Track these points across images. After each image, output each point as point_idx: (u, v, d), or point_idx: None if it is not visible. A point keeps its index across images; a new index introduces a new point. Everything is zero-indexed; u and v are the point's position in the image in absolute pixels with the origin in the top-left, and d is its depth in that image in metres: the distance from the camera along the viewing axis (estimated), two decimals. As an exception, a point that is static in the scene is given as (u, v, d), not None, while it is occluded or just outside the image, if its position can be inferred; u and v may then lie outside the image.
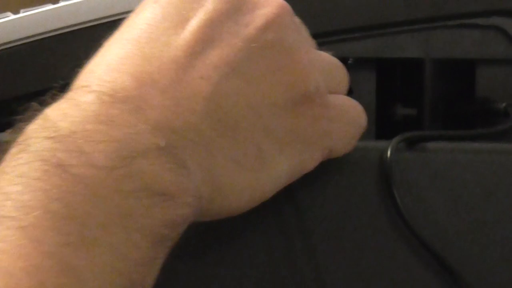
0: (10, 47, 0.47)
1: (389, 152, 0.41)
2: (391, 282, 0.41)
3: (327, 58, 0.41)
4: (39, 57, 0.47)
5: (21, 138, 0.33)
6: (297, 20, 0.40)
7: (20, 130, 0.34)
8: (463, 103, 0.47)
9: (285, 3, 0.38)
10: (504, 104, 0.48)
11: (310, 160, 0.39)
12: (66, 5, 0.47)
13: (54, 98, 0.35)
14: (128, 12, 0.46)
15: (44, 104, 0.35)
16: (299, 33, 0.39)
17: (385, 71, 0.44)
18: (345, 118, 0.40)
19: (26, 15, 0.47)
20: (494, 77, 0.49)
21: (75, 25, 0.47)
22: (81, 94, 0.34)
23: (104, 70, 0.35)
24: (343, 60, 0.43)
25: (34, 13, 0.47)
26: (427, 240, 0.41)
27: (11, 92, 0.47)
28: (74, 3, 0.47)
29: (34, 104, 0.35)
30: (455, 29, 0.48)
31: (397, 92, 0.47)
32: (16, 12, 0.48)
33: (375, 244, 0.42)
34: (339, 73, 0.41)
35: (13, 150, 0.33)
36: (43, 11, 0.47)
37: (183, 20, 0.36)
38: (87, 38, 0.47)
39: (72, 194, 0.31)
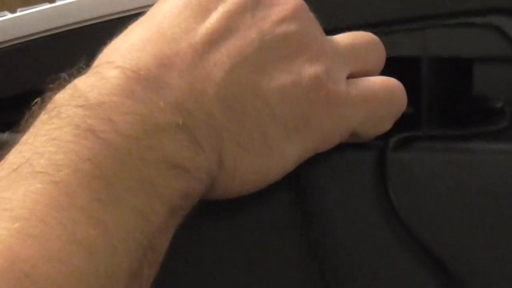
0: (7, 46, 0.47)
1: (386, 151, 0.41)
2: (385, 280, 0.41)
3: (347, 42, 0.42)
4: (36, 56, 0.47)
5: (51, 106, 0.36)
6: (311, 16, 0.41)
7: (48, 99, 0.37)
8: (460, 101, 0.47)
9: (301, 1, 0.41)
10: (501, 103, 0.48)
11: (325, 144, 0.41)
12: (63, 4, 0.47)
13: (80, 71, 0.38)
14: (125, 11, 0.47)
15: (71, 76, 0.37)
16: (313, 26, 0.41)
17: (381, 69, 0.44)
18: (371, 101, 0.41)
19: (23, 14, 0.47)
20: (491, 76, 0.49)
21: (72, 24, 0.47)
22: (106, 69, 0.36)
23: (128, 49, 0.37)
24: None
25: (31, 12, 0.47)
26: (422, 239, 0.41)
27: (8, 90, 0.47)
28: (71, 2, 0.47)
29: (62, 75, 0.38)
30: (452, 27, 0.48)
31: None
32: (13, 11, 0.48)
33: (370, 242, 0.42)
34: (367, 53, 0.43)
35: (44, 117, 0.35)
36: (40, 10, 0.47)
37: (203, 11, 0.39)
38: (84, 37, 0.47)
39: (101, 156, 0.33)
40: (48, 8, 0.47)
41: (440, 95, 0.49)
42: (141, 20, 0.39)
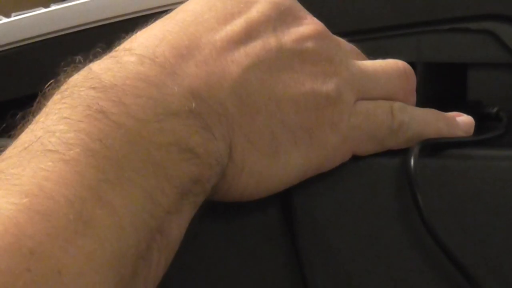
0: (1, 51, 0.47)
1: (412, 159, 0.41)
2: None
3: (371, 69, 0.43)
4: (31, 60, 0.47)
5: (64, 87, 0.36)
6: (332, 38, 0.42)
7: (62, 81, 0.37)
8: (454, 107, 0.47)
9: (324, 27, 0.42)
10: (496, 109, 0.48)
11: (328, 163, 0.41)
12: (58, 9, 0.47)
13: (96, 56, 0.38)
14: (119, 16, 0.47)
15: (87, 60, 0.38)
16: (330, 47, 0.41)
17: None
18: (369, 124, 0.42)
19: (17, 19, 0.47)
20: (485, 81, 0.49)
21: (66, 28, 0.47)
22: (123, 55, 0.37)
23: (147, 38, 0.38)
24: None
25: (26, 17, 0.47)
26: (449, 247, 0.41)
27: (2, 95, 0.47)
28: (66, 7, 0.47)
29: (78, 58, 0.38)
30: (447, 33, 0.48)
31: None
32: (7, 15, 0.48)
33: (398, 252, 0.42)
34: (389, 83, 0.43)
35: (57, 97, 0.36)
36: (34, 15, 0.47)
37: (227, 15, 0.39)
38: (79, 41, 0.47)
39: (111, 137, 0.34)
40: (43, 12, 0.47)
41: (435, 101, 0.49)
42: (165, 17, 0.40)
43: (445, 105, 0.47)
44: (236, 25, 0.39)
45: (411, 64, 0.49)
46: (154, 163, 0.35)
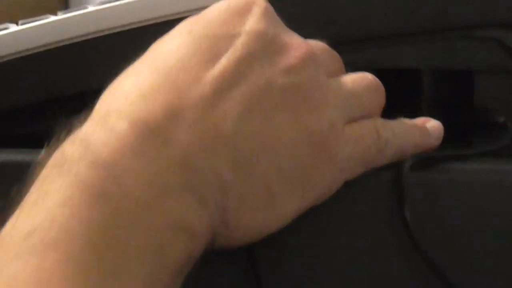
0: (9, 59, 0.47)
1: (403, 172, 0.41)
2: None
3: (350, 87, 0.42)
4: (38, 69, 0.47)
5: (61, 160, 0.35)
6: (318, 59, 0.41)
7: (55, 148, 0.36)
8: (461, 114, 0.47)
9: (310, 48, 0.40)
10: (503, 118, 0.48)
11: (323, 197, 0.40)
12: (66, 17, 0.47)
13: (87, 116, 0.37)
14: (128, 25, 0.47)
15: (79, 121, 0.37)
16: (318, 72, 0.40)
17: (383, 82, 0.44)
18: (359, 150, 0.41)
19: (25, 28, 0.47)
20: (492, 89, 0.49)
21: (74, 37, 0.47)
22: (117, 120, 0.36)
23: (137, 97, 0.37)
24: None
25: (33, 26, 0.47)
26: (436, 261, 0.40)
27: (10, 104, 0.48)
28: (73, 15, 0.47)
29: (74, 124, 0.37)
30: (454, 40, 0.48)
31: (395, 103, 0.47)
32: (15, 23, 0.48)
33: (385, 265, 0.41)
34: (368, 99, 0.43)
35: (54, 171, 0.35)
36: (42, 24, 0.47)
37: (213, 56, 0.38)
38: (87, 50, 0.47)
39: (114, 226, 0.33)
40: (51, 21, 0.47)
41: (441, 108, 0.49)
42: (148, 61, 0.39)
43: (452, 113, 0.47)
44: (223, 67, 0.37)
45: (418, 71, 0.49)
46: (153, 251, 0.34)
